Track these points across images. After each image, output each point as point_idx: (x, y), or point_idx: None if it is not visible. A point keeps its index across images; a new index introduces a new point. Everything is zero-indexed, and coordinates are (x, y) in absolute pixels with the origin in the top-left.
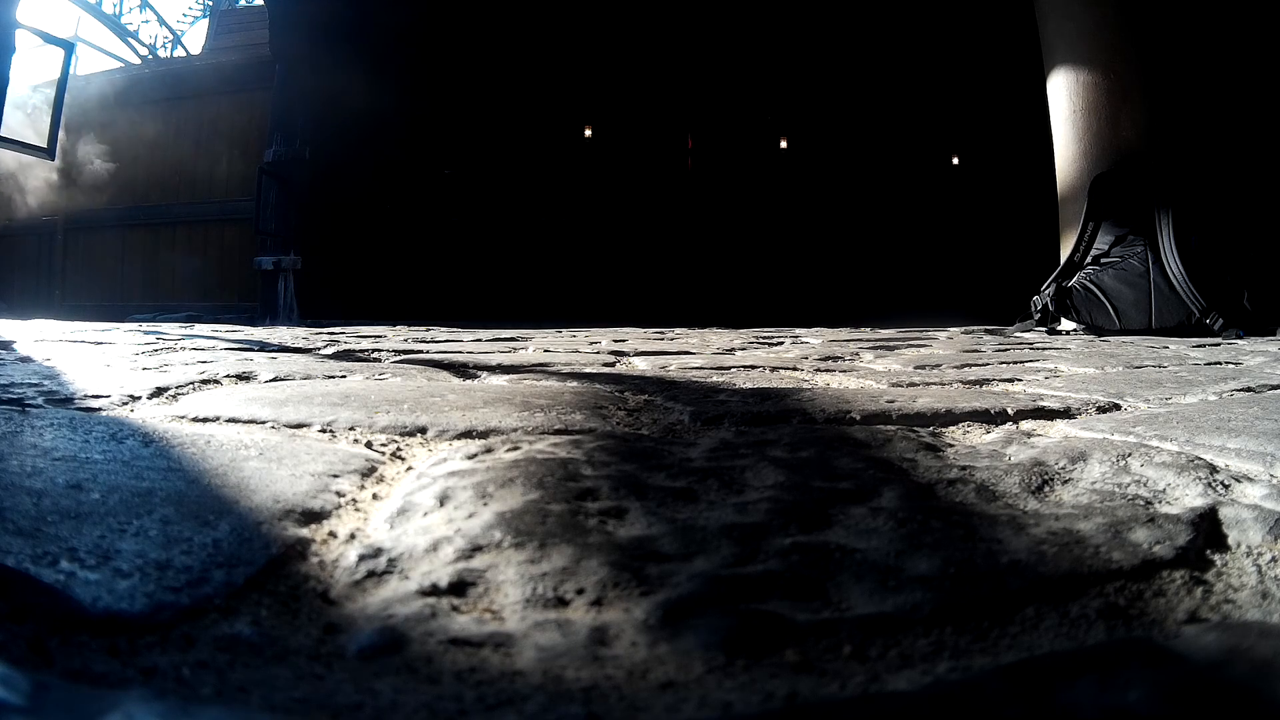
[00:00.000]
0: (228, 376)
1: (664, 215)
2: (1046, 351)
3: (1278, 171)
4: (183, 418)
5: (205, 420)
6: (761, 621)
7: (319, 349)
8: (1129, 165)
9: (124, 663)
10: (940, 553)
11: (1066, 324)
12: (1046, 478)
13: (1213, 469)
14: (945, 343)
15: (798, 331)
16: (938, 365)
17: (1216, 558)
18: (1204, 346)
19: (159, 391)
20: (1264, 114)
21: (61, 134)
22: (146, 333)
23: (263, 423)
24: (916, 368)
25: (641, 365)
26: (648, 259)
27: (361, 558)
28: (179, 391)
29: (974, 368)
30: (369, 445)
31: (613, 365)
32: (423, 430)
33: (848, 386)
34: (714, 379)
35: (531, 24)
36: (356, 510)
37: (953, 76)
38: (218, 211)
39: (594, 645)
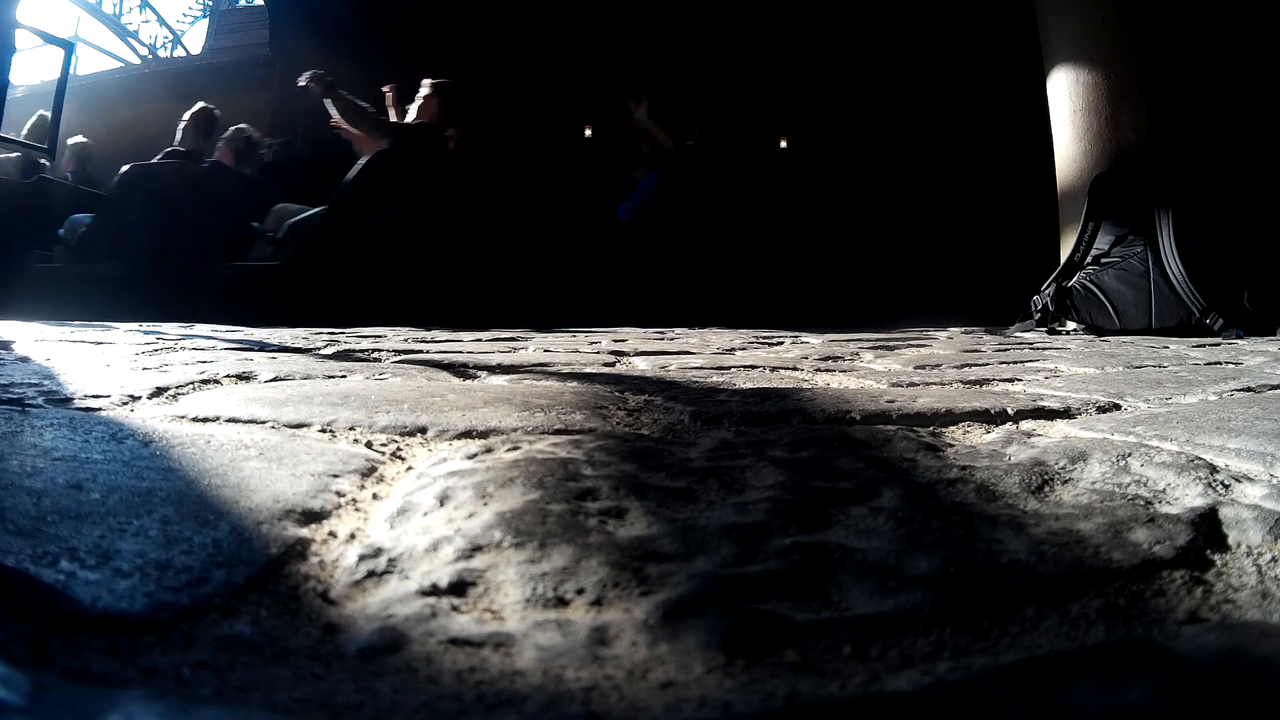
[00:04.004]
0: (228, 376)
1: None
2: (1046, 351)
3: (1278, 171)
4: (183, 418)
5: (205, 420)
6: (761, 621)
7: (319, 349)
8: (1129, 165)
9: (124, 663)
10: (940, 553)
11: (1066, 324)
12: (1046, 478)
13: (1213, 469)
14: (945, 343)
15: (798, 331)
16: (938, 365)
17: (1216, 558)
18: (1204, 346)
19: (159, 391)
20: (1264, 114)
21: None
22: (146, 333)
23: (263, 423)
24: (916, 368)
25: (641, 365)
26: (647, 259)
27: (361, 558)
28: (179, 391)
29: (974, 368)
30: (369, 445)
31: (613, 365)
32: (423, 430)
33: (848, 386)
34: (714, 379)
35: (531, 24)
36: (356, 510)
37: (953, 76)
38: None
39: (594, 645)
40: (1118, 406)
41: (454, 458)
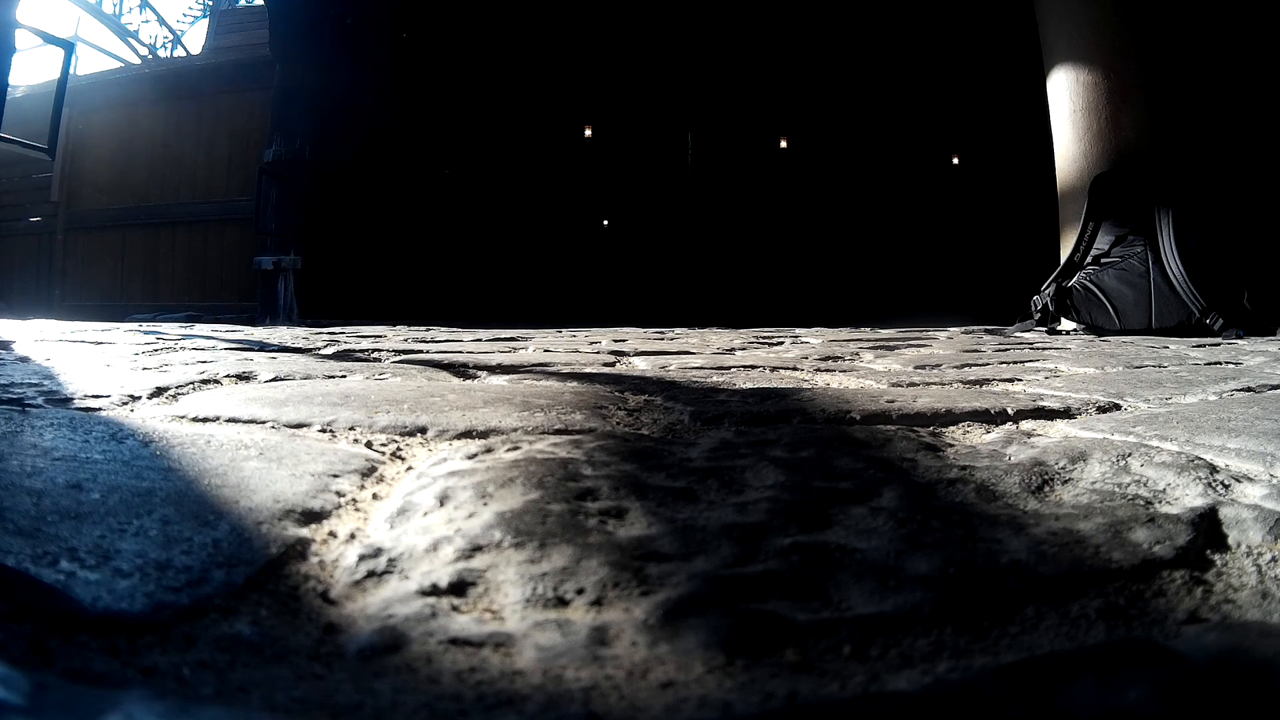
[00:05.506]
0: (228, 376)
1: (664, 215)
2: (1046, 351)
3: (1278, 171)
4: (183, 418)
5: (205, 420)
6: (761, 621)
7: (319, 349)
8: (1129, 165)
9: (124, 663)
10: (940, 553)
11: (1066, 324)
12: (1046, 478)
13: (1213, 469)
14: (945, 343)
15: (798, 331)
16: (938, 365)
17: (1216, 558)
18: (1204, 346)
19: (159, 391)
20: (1264, 114)
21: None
22: (146, 333)
23: (263, 423)
24: (916, 368)
25: (641, 365)
26: (647, 259)
27: (361, 558)
28: (179, 391)
29: (974, 368)
30: (369, 445)
31: (613, 365)
32: (423, 430)
33: (848, 386)
34: (714, 379)
35: (531, 24)
36: (356, 510)
37: (953, 76)
38: (218, 211)
39: (594, 645)
40: (1118, 406)
41: (454, 458)
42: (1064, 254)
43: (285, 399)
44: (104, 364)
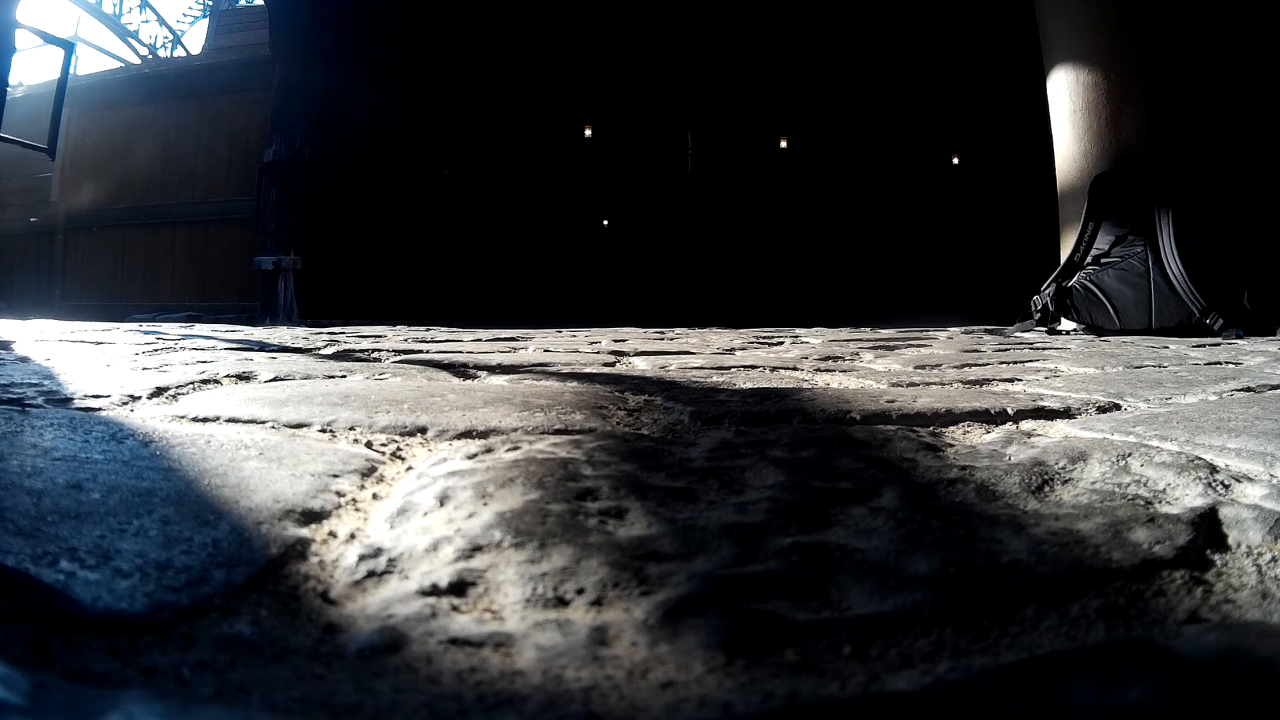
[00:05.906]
0: (228, 376)
1: (664, 215)
2: (1046, 351)
3: (1278, 171)
4: (183, 418)
5: (205, 420)
6: (761, 621)
7: (319, 349)
8: (1129, 165)
9: (124, 662)
10: (940, 553)
11: (1066, 324)
12: (1046, 478)
13: (1213, 469)
14: (945, 343)
15: (798, 331)
16: (938, 365)
17: (1216, 558)
18: (1204, 346)
19: (159, 391)
20: (1264, 114)
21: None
22: (146, 333)
23: (263, 423)
24: (916, 368)
25: (641, 365)
26: (647, 259)
27: (361, 558)
28: (179, 391)
29: (974, 368)
30: (369, 445)
31: (613, 365)
32: (423, 430)
33: (848, 386)
34: (714, 379)
35: (532, 24)
36: (356, 510)
37: (953, 76)
38: (218, 211)
39: (594, 645)
40: (1118, 406)
41: (454, 458)
42: (1064, 254)
43: (285, 399)
44: (104, 364)
